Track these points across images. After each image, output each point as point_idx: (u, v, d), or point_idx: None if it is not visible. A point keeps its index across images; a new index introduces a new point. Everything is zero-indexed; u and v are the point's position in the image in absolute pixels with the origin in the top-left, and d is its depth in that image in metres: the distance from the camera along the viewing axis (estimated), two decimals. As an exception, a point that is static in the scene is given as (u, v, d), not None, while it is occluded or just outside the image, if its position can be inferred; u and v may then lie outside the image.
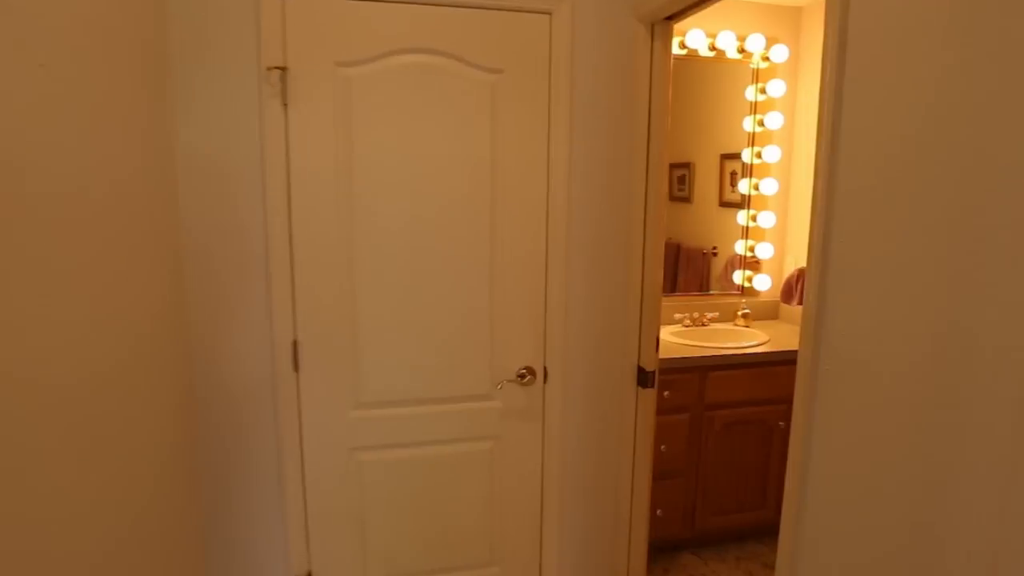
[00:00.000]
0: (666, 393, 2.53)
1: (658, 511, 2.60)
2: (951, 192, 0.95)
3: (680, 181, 3.20)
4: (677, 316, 3.07)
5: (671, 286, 3.20)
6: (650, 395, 2.09)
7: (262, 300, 1.75)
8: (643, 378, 2.06)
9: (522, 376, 1.98)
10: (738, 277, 3.28)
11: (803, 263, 3.13)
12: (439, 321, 1.89)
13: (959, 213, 0.94)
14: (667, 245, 3.19)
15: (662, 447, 2.56)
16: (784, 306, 3.26)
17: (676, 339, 2.83)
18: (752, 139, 3.14)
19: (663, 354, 2.49)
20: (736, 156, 3.18)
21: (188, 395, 1.72)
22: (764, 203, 3.20)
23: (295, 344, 1.78)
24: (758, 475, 2.79)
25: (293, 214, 1.73)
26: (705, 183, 3.18)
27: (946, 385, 0.97)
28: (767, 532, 2.95)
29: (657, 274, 2.03)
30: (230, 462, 1.80)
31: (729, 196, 3.24)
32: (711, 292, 3.25)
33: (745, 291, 3.29)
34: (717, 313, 3.15)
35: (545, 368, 2.00)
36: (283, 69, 1.66)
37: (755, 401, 2.71)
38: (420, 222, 1.83)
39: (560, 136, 1.88)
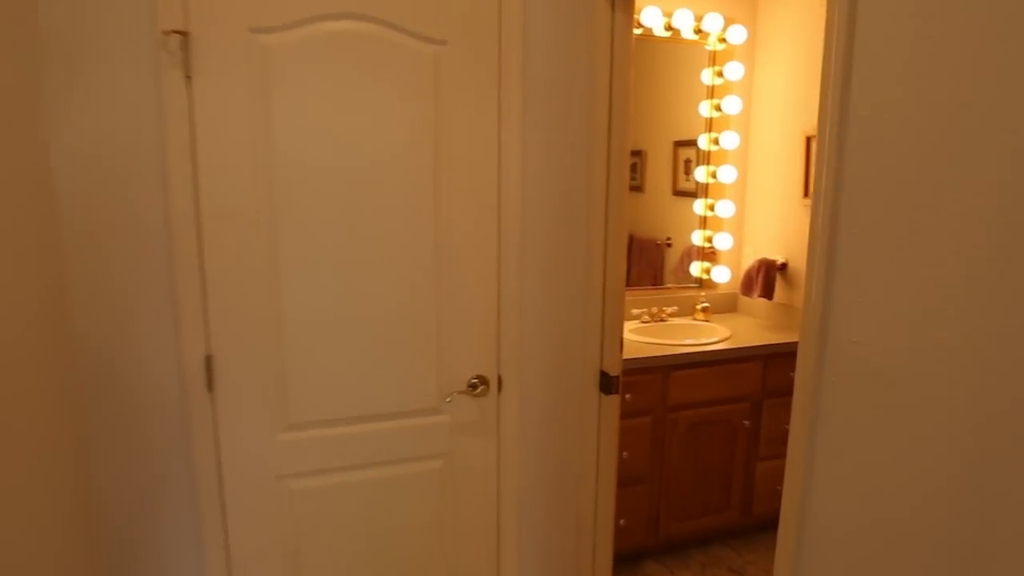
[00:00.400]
0: (627, 396, 2.38)
1: (621, 521, 2.45)
2: (1006, 167, 0.80)
3: (631, 169, 3.05)
4: (635, 312, 2.92)
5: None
6: (614, 402, 1.93)
7: (168, 309, 1.49)
8: (606, 384, 1.89)
9: (474, 386, 1.78)
10: (695, 269, 3.16)
11: (763, 254, 3.03)
12: (379, 328, 1.67)
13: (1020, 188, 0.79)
14: (623, 236, 3.05)
15: (624, 454, 2.41)
16: (743, 298, 3.17)
17: (636, 337, 2.68)
18: (709, 124, 3.01)
19: (623, 354, 2.33)
20: (690, 143, 3.06)
21: (76, 420, 1.45)
22: (722, 192, 3.09)
23: (208, 360, 1.53)
24: (722, 476, 2.68)
25: (202, 207, 1.47)
26: (658, 171, 3.05)
27: (1007, 404, 0.82)
28: (731, 534, 2.85)
29: (620, 270, 1.86)
30: (137, 499, 1.54)
31: (683, 185, 3.11)
32: (666, 285, 3.12)
33: (703, 284, 3.18)
34: (676, 307, 3.02)
35: (499, 376, 1.81)
36: (184, 34, 1.40)
37: (719, 400, 2.59)
38: (354, 215, 1.60)
39: (512, 117, 1.68)
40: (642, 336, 2.74)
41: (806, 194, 2.74)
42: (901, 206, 0.92)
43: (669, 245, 3.14)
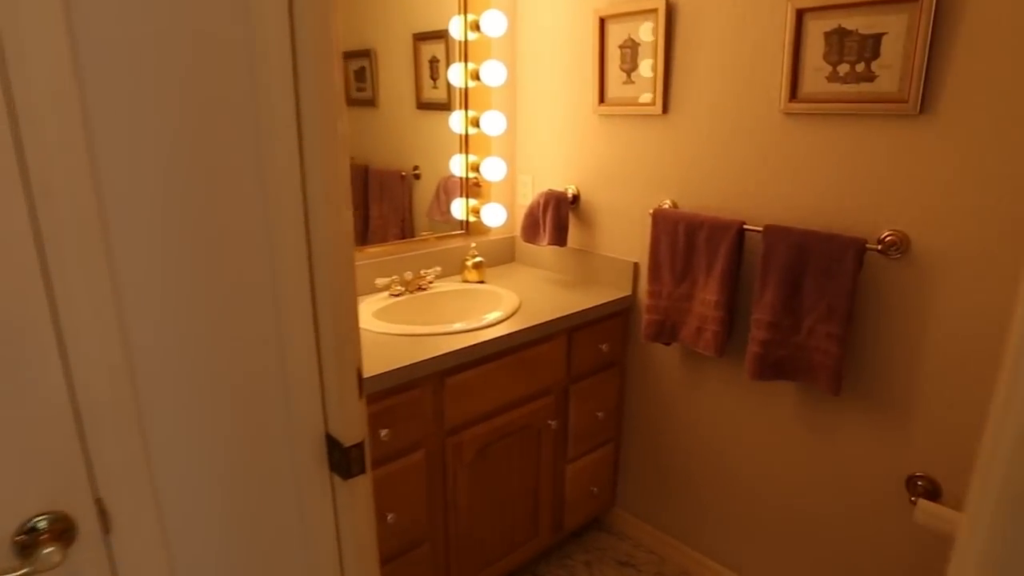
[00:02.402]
0: (384, 431, 1.55)
1: (394, 613, 1.67)
2: None
3: (358, 77, 2.14)
4: (380, 282, 2.06)
5: (360, 233, 2.17)
6: (360, 486, 1.08)
7: None
8: (342, 460, 1.03)
9: (26, 545, 0.80)
10: (459, 209, 2.39)
11: (548, 184, 2.35)
12: None
13: None
14: (352, 168, 2.13)
15: (389, 517, 1.60)
16: (525, 244, 2.48)
17: (384, 325, 1.82)
18: (464, 3, 2.18)
19: (366, 362, 1.49)
20: (438, 35, 2.21)
21: None
22: (487, 99, 2.31)
23: None
24: (528, 498, 2.02)
25: None
26: (394, 77, 2.17)
27: None
28: (542, 559, 2.25)
29: (342, 236, 0.96)
30: None
31: (430, 94, 2.28)
32: (420, 236, 2.31)
33: (471, 229, 2.42)
34: (439, 268, 2.23)
35: (101, 505, 0.84)
36: None
37: (515, 402, 1.89)
38: None
39: None
40: (394, 322, 1.91)
41: (602, 99, 2.08)
42: None
43: (417, 177, 2.31)
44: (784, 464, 1.88)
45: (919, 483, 1.62)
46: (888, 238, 1.54)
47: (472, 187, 2.38)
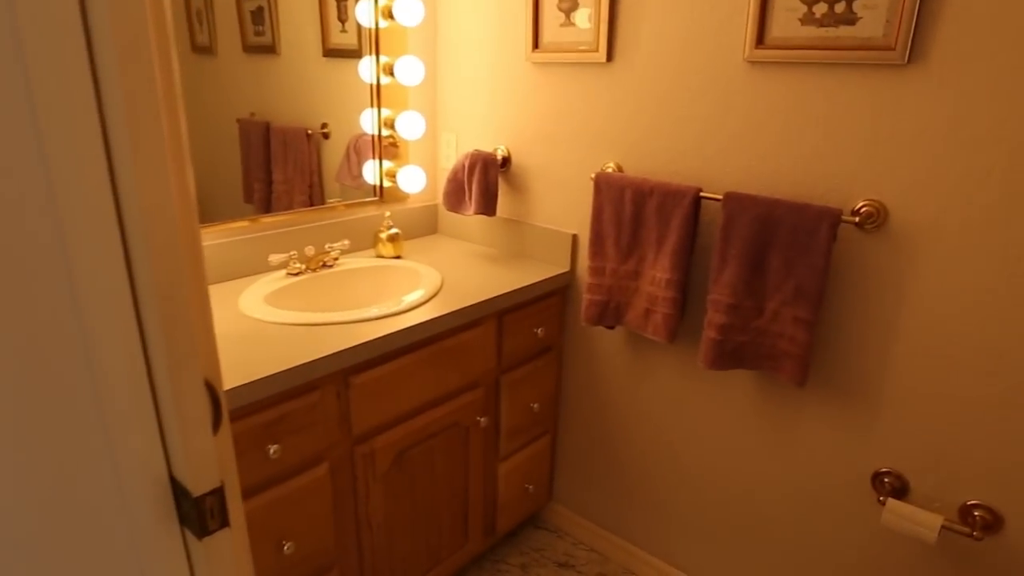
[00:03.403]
0: (273, 449, 1.27)
1: (294, 656, 1.41)
2: None
3: (255, 19, 1.80)
4: (275, 259, 1.75)
5: (264, 200, 1.86)
6: (222, 543, 0.81)
7: None
8: (192, 513, 0.76)
9: None
10: (371, 172, 2.09)
11: (474, 144, 2.07)
12: None
13: None
14: (251, 124, 1.81)
15: (286, 547, 1.33)
16: (448, 213, 2.22)
17: (279, 313, 1.52)
18: (370, -81, 1.86)
19: (245, 366, 1.20)
20: (346, -37, 1.90)
21: None
22: (403, 43, 2.00)
23: None
24: (455, 504, 1.79)
25: None
26: (297, 20, 1.84)
27: None
28: (472, 566, 2.04)
29: (167, 216, 0.68)
30: None
31: (339, 39, 1.96)
32: (329, 203, 2.01)
33: (386, 195, 2.13)
34: (347, 241, 1.93)
35: None
36: None
37: (437, 399, 1.64)
38: None
39: None
40: (290, 308, 1.62)
41: (536, 44, 1.81)
42: None
43: (326, 135, 2.00)
44: (739, 458, 1.72)
45: (886, 480, 1.48)
46: (864, 208, 1.37)
47: (387, 147, 2.09)
